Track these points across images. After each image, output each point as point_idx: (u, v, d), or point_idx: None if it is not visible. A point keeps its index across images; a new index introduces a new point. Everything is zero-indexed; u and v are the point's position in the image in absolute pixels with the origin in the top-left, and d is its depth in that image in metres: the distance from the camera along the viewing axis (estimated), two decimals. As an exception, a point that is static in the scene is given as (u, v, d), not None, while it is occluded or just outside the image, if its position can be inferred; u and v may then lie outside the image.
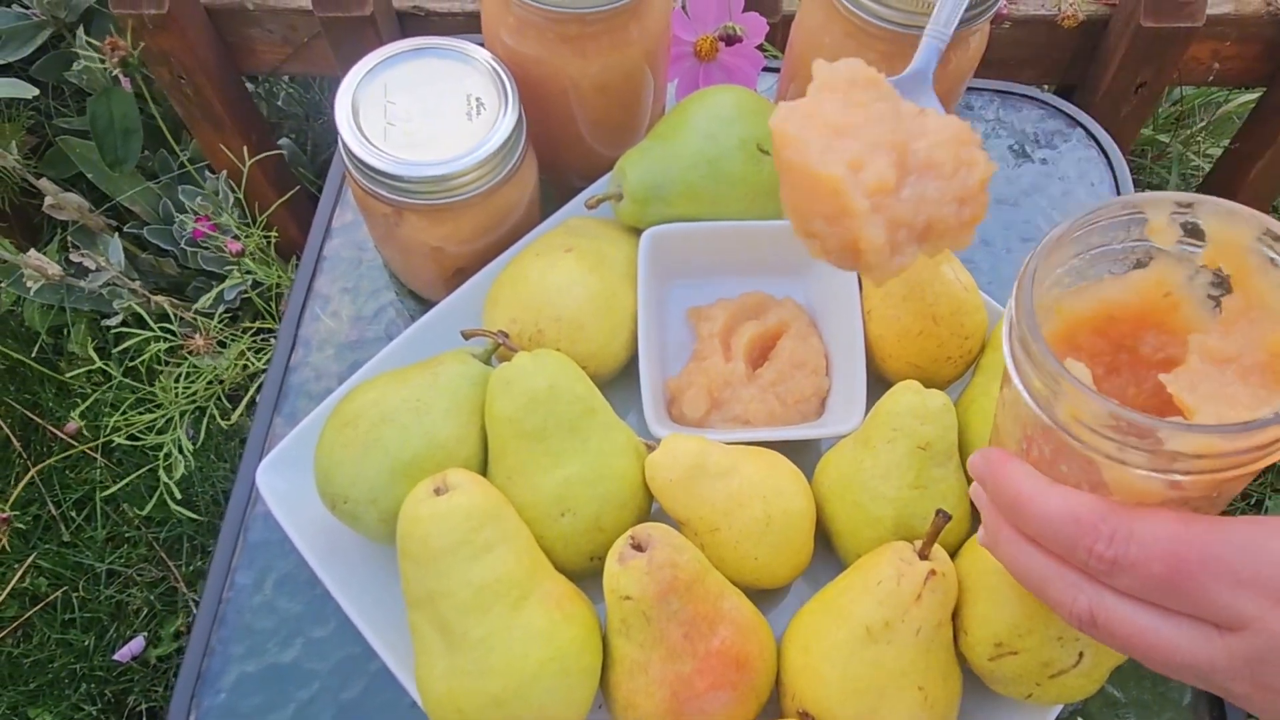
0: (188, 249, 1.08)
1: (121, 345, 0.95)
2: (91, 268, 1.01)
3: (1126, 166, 0.69)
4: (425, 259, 0.56)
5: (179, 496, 0.92)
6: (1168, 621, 0.28)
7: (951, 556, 0.45)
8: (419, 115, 0.52)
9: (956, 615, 0.44)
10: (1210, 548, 0.27)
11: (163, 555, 1.11)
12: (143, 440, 0.95)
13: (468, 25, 0.93)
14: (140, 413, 0.95)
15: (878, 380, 0.52)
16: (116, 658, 1.05)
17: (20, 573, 1.08)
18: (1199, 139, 1.25)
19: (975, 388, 0.50)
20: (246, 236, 0.96)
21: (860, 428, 0.49)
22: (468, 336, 0.49)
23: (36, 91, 1.02)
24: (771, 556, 0.46)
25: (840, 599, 0.43)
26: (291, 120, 1.23)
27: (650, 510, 0.49)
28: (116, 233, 1.08)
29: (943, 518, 0.41)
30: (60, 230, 1.13)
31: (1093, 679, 0.42)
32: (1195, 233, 0.32)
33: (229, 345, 0.98)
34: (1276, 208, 1.29)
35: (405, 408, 0.46)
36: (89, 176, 1.10)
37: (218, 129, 1.01)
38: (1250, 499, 1.15)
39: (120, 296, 1.03)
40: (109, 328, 1.01)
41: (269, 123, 1.17)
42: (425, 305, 0.60)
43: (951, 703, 0.43)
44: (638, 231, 0.55)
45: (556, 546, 0.46)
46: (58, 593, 1.08)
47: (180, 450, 0.91)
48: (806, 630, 0.44)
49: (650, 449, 0.48)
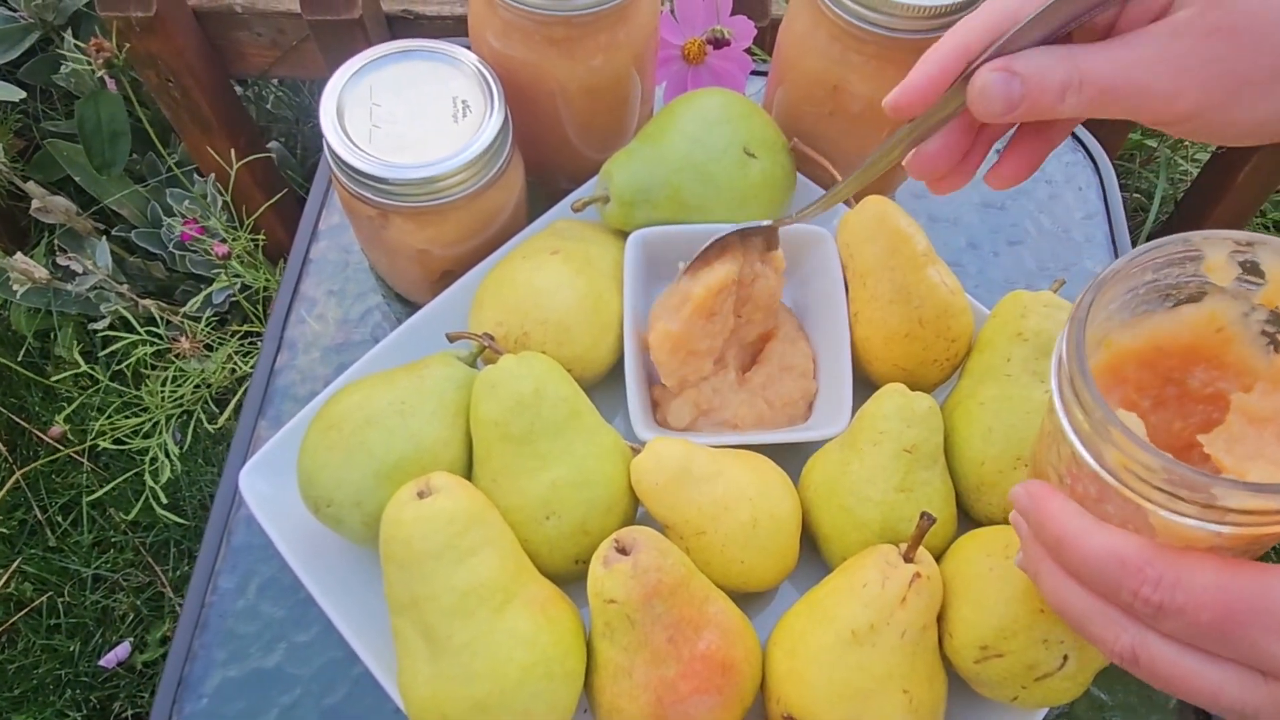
0: (176, 252, 1.07)
1: (108, 349, 0.95)
2: (79, 271, 1.01)
3: (1113, 170, 0.69)
4: (411, 262, 0.56)
5: (164, 501, 0.91)
6: (1213, 665, 0.28)
7: (937, 559, 0.45)
8: (404, 118, 0.52)
9: (942, 618, 0.44)
10: (1259, 599, 0.27)
11: (149, 560, 1.10)
12: (129, 444, 0.94)
13: (457, 28, 0.93)
14: (126, 417, 0.95)
15: (864, 383, 0.52)
16: (102, 664, 1.04)
17: (5, 578, 1.07)
18: (1187, 143, 1.25)
19: (961, 391, 0.50)
20: (234, 240, 0.96)
21: (846, 431, 0.49)
22: (453, 339, 0.49)
23: (24, 94, 1.02)
24: (757, 560, 0.46)
25: (825, 602, 0.43)
26: (281, 124, 1.23)
27: (636, 514, 0.49)
28: (104, 236, 1.08)
29: (927, 520, 0.41)
30: (48, 233, 1.12)
31: (1078, 682, 0.42)
32: (1254, 271, 0.32)
33: (216, 349, 0.97)
34: (1264, 212, 1.30)
35: (390, 411, 0.46)
36: (77, 179, 1.10)
37: (205, 132, 1.01)
38: None
39: (108, 300, 1.02)
40: (96, 331, 1.01)
41: (258, 126, 1.17)
42: (412, 308, 0.59)
43: (937, 706, 0.43)
44: (624, 234, 0.55)
45: (542, 550, 0.46)
46: (43, 598, 1.08)
47: (167, 454, 0.91)
48: (792, 634, 0.44)
49: (636, 452, 0.48)
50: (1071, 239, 0.66)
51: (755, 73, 0.68)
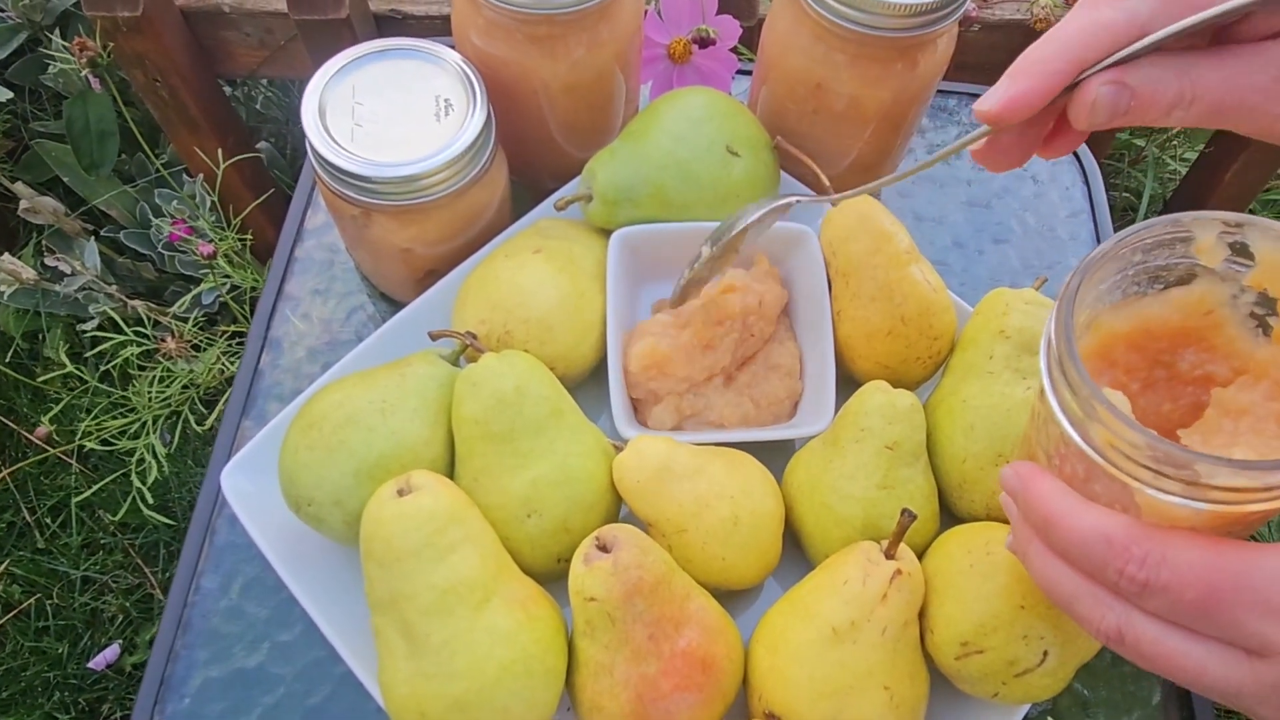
0: (165, 253, 1.07)
1: (96, 349, 0.95)
2: (67, 272, 1.01)
3: (1098, 168, 0.69)
4: (395, 261, 0.56)
5: (151, 501, 0.91)
6: (1197, 644, 0.29)
7: (919, 556, 0.45)
8: (387, 116, 0.51)
9: (923, 615, 0.44)
10: (1243, 576, 0.27)
11: (139, 561, 1.10)
12: (117, 445, 0.94)
13: (445, 28, 0.93)
14: (114, 417, 0.95)
15: (847, 381, 0.52)
16: (91, 666, 1.03)
17: (-7, 580, 1.07)
18: (1174, 143, 1.26)
19: (944, 388, 0.50)
20: (221, 240, 0.96)
21: (829, 428, 0.49)
22: (435, 337, 0.49)
23: (11, 95, 1.01)
24: (739, 557, 0.46)
25: (807, 599, 0.43)
26: (270, 124, 1.22)
27: (619, 512, 0.49)
28: (93, 236, 1.07)
29: (908, 517, 0.41)
30: (36, 234, 1.12)
31: (1058, 678, 0.42)
32: (1244, 252, 0.32)
33: (205, 349, 0.97)
34: (1252, 211, 1.30)
35: (371, 409, 0.46)
36: (65, 180, 1.10)
37: (193, 132, 1.01)
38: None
39: (96, 301, 1.02)
40: (84, 332, 1.01)
41: (248, 126, 1.16)
42: (396, 307, 0.59)
43: (918, 702, 0.43)
44: (607, 233, 0.55)
45: (524, 549, 0.46)
46: (31, 600, 1.07)
47: (154, 455, 0.91)
48: (773, 631, 0.44)
49: (619, 450, 0.48)
50: (1057, 237, 0.66)
51: (741, 72, 0.68)
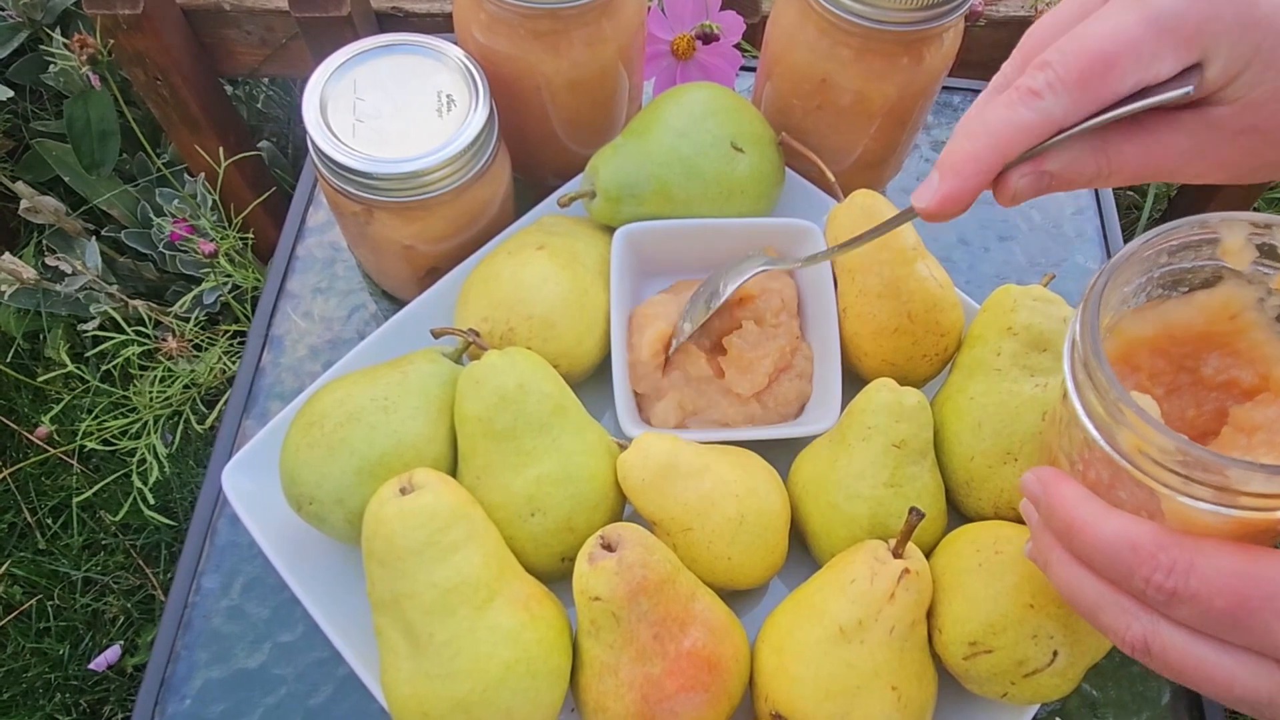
0: (166, 252, 1.07)
1: (97, 349, 0.94)
2: (68, 271, 1.00)
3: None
4: (397, 258, 0.55)
5: (152, 501, 0.90)
6: (1225, 654, 0.28)
7: (927, 555, 0.45)
8: (388, 112, 0.51)
9: (931, 614, 0.43)
10: (1275, 584, 0.27)
11: (140, 562, 1.10)
12: (118, 445, 0.93)
13: (446, 25, 0.92)
14: (115, 417, 0.94)
15: (853, 379, 0.52)
16: (92, 667, 1.03)
17: (-6, 581, 1.06)
18: (1180, 141, 1.25)
19: (951, 385, 0.50)
20: (222, 239, 0.95)
21: (835, 426, 0.48)
22: (438, 335, 0.49)
23: (12, 94, 1.01)
24: (745, 556, 0.46)
25: (813, 598, 0.43)
26: (272, 123, 1.22)
27: (624, 511, 0.49)
28: (94, 236, 1.07)
29: (916, 516, 0.41)
30: (37, 234, 1.12)
31: (1068, 678, 0.41)
32: (1272, 255, 0.32)
33: (206, 349, 0.97)
34: (1258, 209, 1.29)
35: (373, 407, 0.45)
36: (66, 180, 1.09)
37: (194, 131, 1.01)
38: None
39: (97, 301, 1.02)
40: (85, 332, 1.00)
41: (249, 125, 1.16)
42: (399, 305, 0.59)
43: (926, 702, 0.42)
44: (611, 229, 0.54)
45: (527, 548, 0.45)
46: (32, 601, 1.07)
47: (155, 455, 0.90)
48: (779, 631, 0.43)
49: (623, 448, 0.47)
50: (1063, 234, 0.65)
51: (745, 68, 0.67)
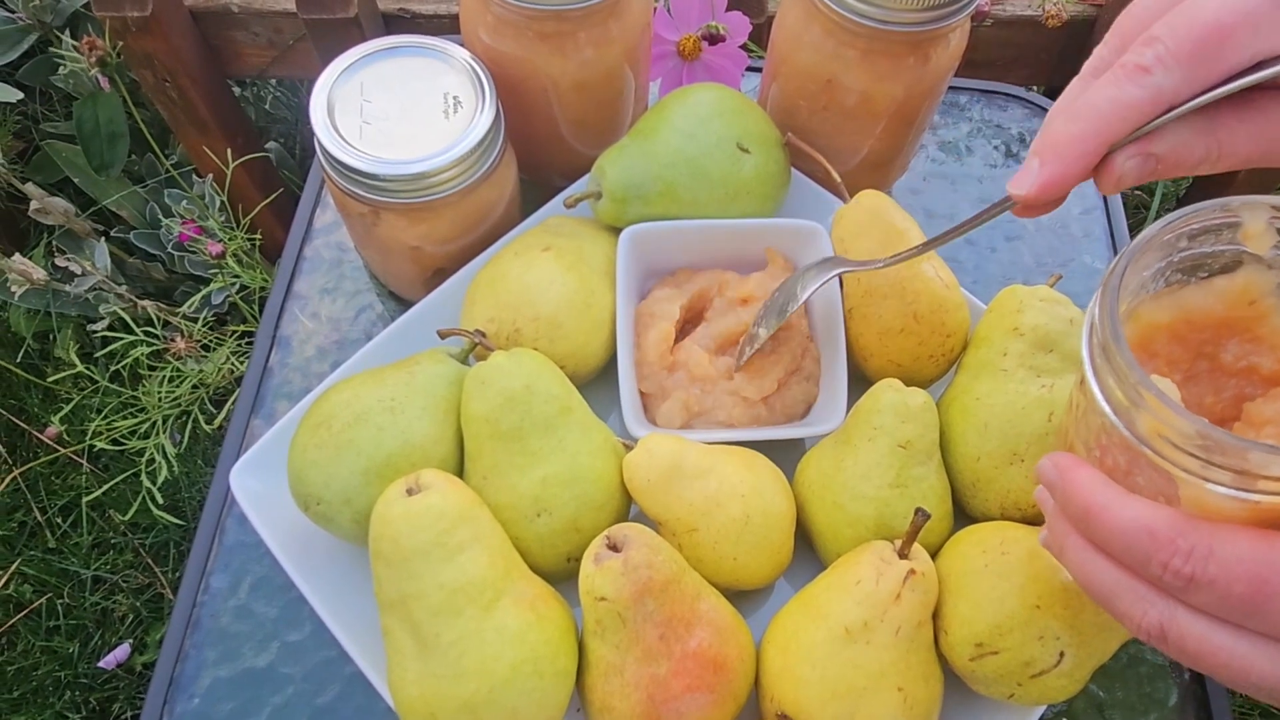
0: (175, 253, 1.07)
1: (106, 349, 0.95)
2: (77, 272, 1.01)
3: (1112, 165, 0.68)
4: (404, 259, 0.56)
5: (161, 501, 0.91)
6: (1244, 640, 0.28)
7: (933, 556, 0.45)
8: (396, 114, 0.51)
9: (937, 615, 0.43)
10: None
11: (149, 561, 1.10)
12: (127, 445, 0.94)
13: (453, 27, 0.93)
14: (124, 417, 0.95)
15: (859, 379, 0.52)
16: (101, 665, 1.04)
17: (4, 579, 1.07)
18: (1188, 140, 1.24)
19: (957, 386, 0.50)
20: (230, 239, 0.96)
21: (841, 427, 0.48)
22: (444, 336, 0.49)
23: (22, 96, 1.01)
24: (750, 557, 0.46)
25: (819, 599, 0.43)
26: (280, 124, 1.23)
27: (629, 511, 0.49)
28: (103, 237, 1.08)
29: (922, 516, 0.41)
30: (46, 235, 1.12)
31: (1075, 679, 0.41)
32: None
33: (214, 349, 0.97)
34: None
35: (380, 407, 0.46)
36: (75, 181, 1.10)
37: (202, 132, 1.01)
38: None
39: (106, 301, 1.02)
40: (94, 333, 1.01)
41: (257, 127, 1.17)
42: (405, 306, 0.59)
43: (932, 704, 0.42)
44: (617, 230, 0.54)
45: (533, 548, 0.46)
46: (42, 600, 1.08)
47: (164, 455, 0.91)
48: (785, 631, 0.43)
49: (629, 449, 0.47)
50: (1070, 234, 0.65)
51: (751, 69, 0.67)
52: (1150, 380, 0.28)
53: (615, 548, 0.41)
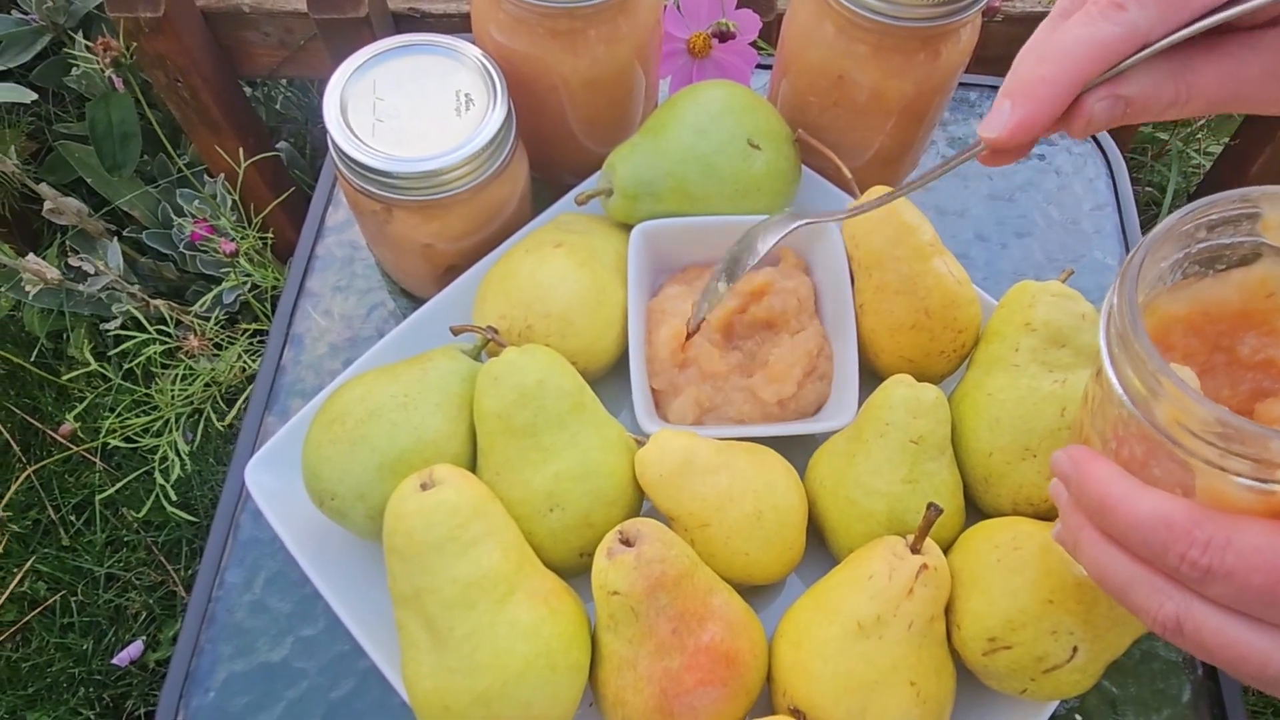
0: (187, 253, 1.08)
1: (119, 348, 0.95)
2: (90, 272, 1.02)
3: (1124, 162, 0.68)
4: (416, 256, 0.56)
5: (174, 498, 0.91)
6: (1262, 633, 0.27)
7: (944, 551, 0.45)
8: (408, 112, 0.52)
9: (949, 610, 0.43)
10: None
11: (161, 559, 1.11)
12: (140, 443, 0.95)
13: (463, 26, 0.93)
14: (137, 415, 0.95)
15: (870, 375, 0.52)
16: (115, 662, 1.04)
17: (19, 576, 1.08)
18: (1199, 136, 1.24)
19: (969, 382, 0.50)
20: (242, 238, 0.96)
21: (852, 423, 0.48)
22: (457, 332, 0.49)
23: (35, 96, 1.02)
24: (763, 552, 0.46)
25: (831, 594, 0.43)
26: (290, 124, 1.23)
27: (641, 506, 0.49)
28: (115, 237, 1.08)
29: (934, 511, 0.41)
30: (60, 235, 1.13)
31: (1088, 674, 0.41)
32: None
33: (226, 348, 0.98)
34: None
35: (393, 404, 0.46)
36: (88, 181, 1.11)
37: (214, 132, 1.02)
38: None
39: (119, 300, 1.03)
40: (107, 332, 1.02)
41: (268, 126, 1.17)
42: (417, 303, 0.59)
43: (945, 698, 0.42)
44: (628, 227, 0.55)
45: (546, 543, 0.46)
46: (56, 597, 1.08)
47: (177, 453, 0.91)
48: (797, 626, 0.43)
49: (641, 444, 0.47)
50: (1081, 230, 0.65)
51: (761, 66, 0.67)
52: (1169, 368, 0.28)
53: (628, 542, 0.41)
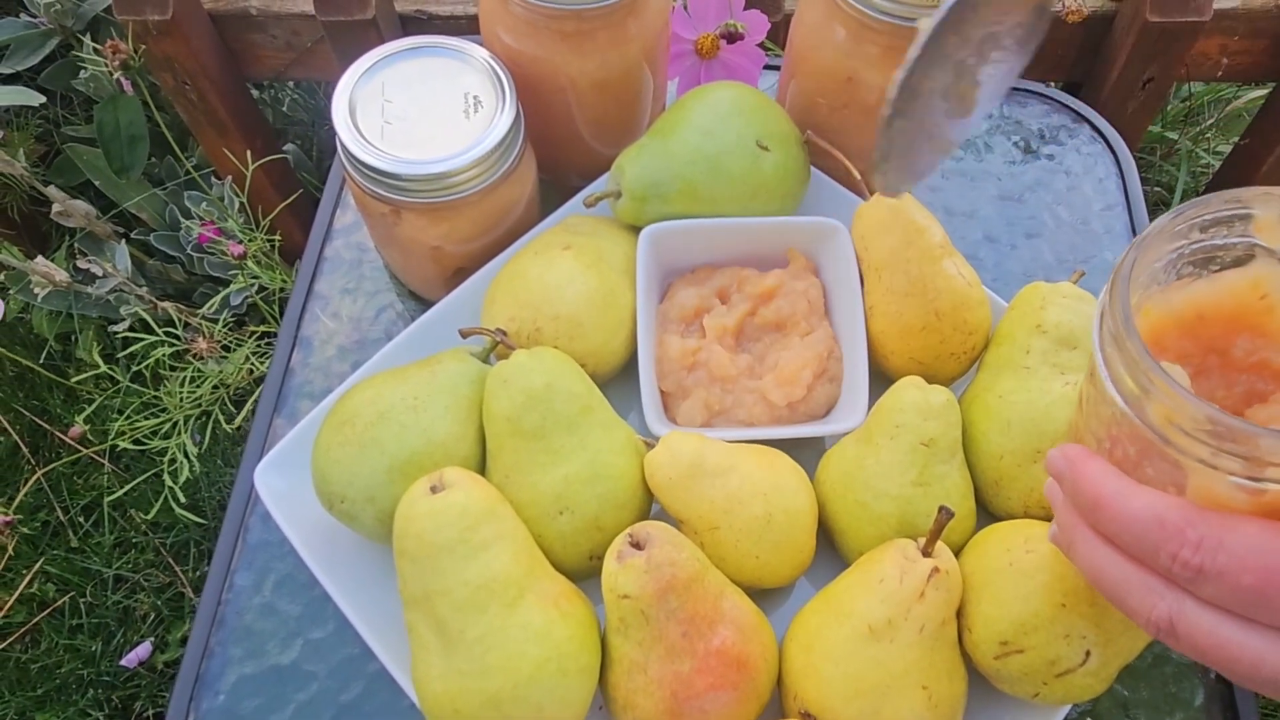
0: (194, 255, 1.08)
1: (127, 350, 0.96)
2: (99, 274, 1.02)
3: (1134, 162, 0.68)
4: (425, 259, 0.56)
5: (183, 500, 0.92)
6: (1253, 633, 0.27)
7: (956, 554, 0.45)
8: (416, 114, 0.52)
9: (961, 613, 0.43)
10: None
11: (170, 560, 1.11)
12: (149, 445, 0.95)
13: (471, 28, 0.93)
14: (146, 417, 0.96)
15: (880, 377, 0.52)
16: (124, 663, 1.05)
17: (28, 578, 1.08)
18: (1208, 135, 1.24)
19: (979, 384, 0.50)
20: (250, 240, 0.97)
21: (862, 425, 0.48)
22: (466, 335, 0.49)
23: (43, 99, 1.03)
24: (772, 555, 0.46)
25: (842, 597, 0.43)
26: (297, 126, 1.24)
27: (650, 509, 0.49)
28: (124, 239, 1.09)
29: (945, 514, 0.41)
30: (68, 237, 1.13)
31: (1101, 678, 0.41)
32: None
33: (234, 350, 0.98)
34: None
35: (403, 406, 0.46)
36: (96, 184, 1.11)
37: (222, 134, 1.02)
38: None
39: (127, 303, 1.03)
40: (116, 334, 1.02)
41: (275, 129, 1.17)
42: (426, 306, 0.59)
43: (956, 702, 0.42)
44: (637, 229, 0.54)
45: (555, 546, 0.46)
46: (65, 598, 1.09)
47: (185, 455, 0.91)
48: (808, 629, 0.43)
49: (650, 447, 0.47)
50: (1091, 230, 0.65)
51: (769, 67, 0.67)
52: (1161, 367, 0.28)
53: (638, 545, 0.41)
